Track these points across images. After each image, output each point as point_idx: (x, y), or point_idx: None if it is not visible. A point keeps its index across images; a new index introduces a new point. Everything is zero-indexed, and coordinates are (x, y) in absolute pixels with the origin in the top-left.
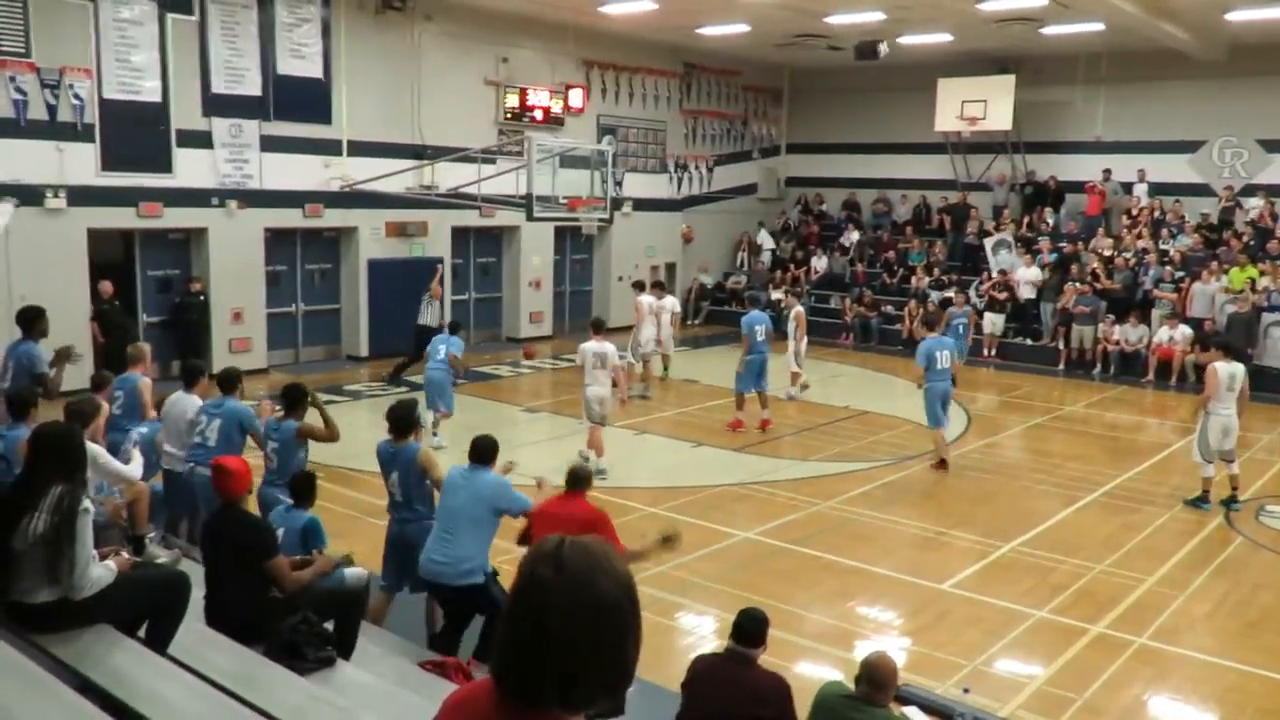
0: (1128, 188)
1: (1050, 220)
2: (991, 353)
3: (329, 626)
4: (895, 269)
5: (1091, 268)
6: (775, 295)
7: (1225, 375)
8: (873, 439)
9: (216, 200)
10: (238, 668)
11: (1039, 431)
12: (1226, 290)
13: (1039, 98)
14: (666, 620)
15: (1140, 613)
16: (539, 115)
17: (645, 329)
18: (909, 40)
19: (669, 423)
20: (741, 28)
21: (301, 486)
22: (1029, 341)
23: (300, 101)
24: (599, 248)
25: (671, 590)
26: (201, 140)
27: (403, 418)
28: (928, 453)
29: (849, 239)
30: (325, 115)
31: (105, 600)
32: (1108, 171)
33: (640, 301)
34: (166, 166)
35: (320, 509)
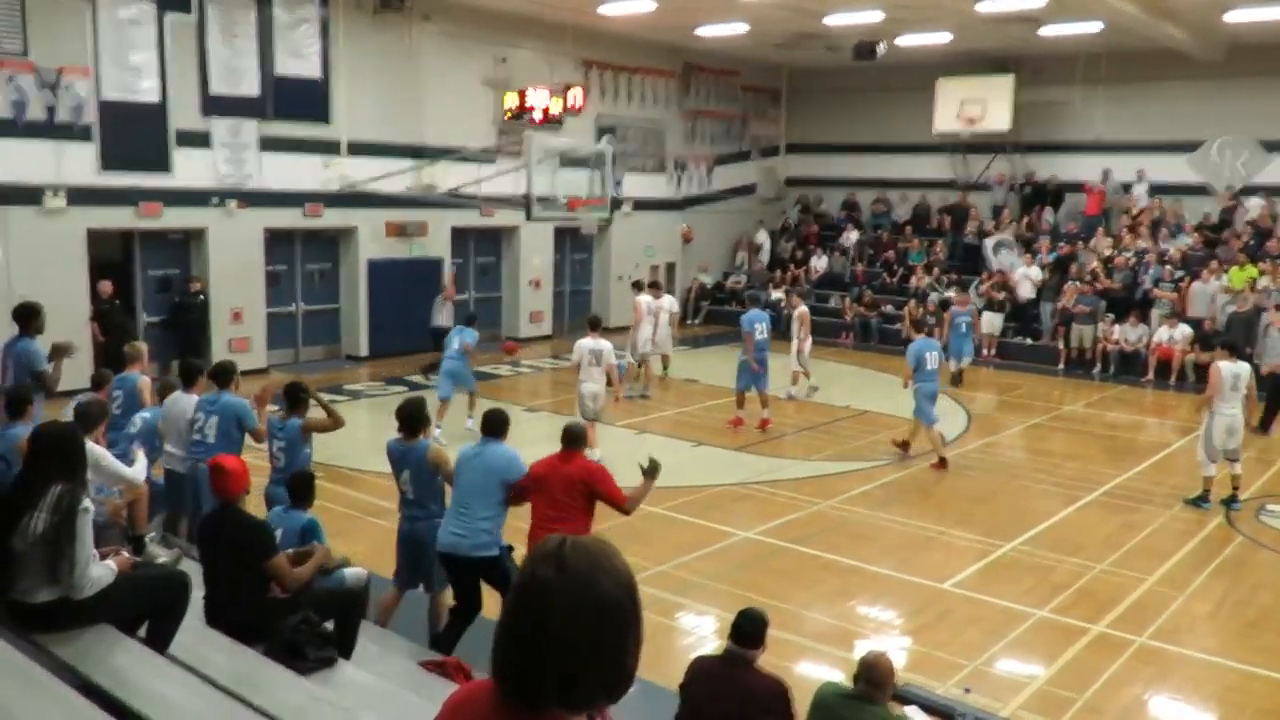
0: (1127, 188)
1: (1049, 220)
2: (991, 352)
3: (329, 626)
4: (895, 269)
5: (1091, 267)
6: (775, 295)
7: (1229, 375)
8: (873, 438)
9: (216, 200)
10: (238, 668)
11: (1039, 431)
12: (1226, 290)
13: (1038, 98)
14: (667, 620)
15: (1140, 612)
16: (538, 115)
17: (643, 329)
18: (908, 40)
19: (669, 422)
20: (740, 28)
21: (299, 487)
22: (1029, 341)
23: (299, 101)
24: (599, 248)
25: (672, 590)
26: (200, 140)
27: (411, 415)
28: (927, 452)
29: (848, 239)
30: (324, 115)
31: (105, 600)
32: (1107, 171)
33: (638, 301)
34: (165, 166)
35: (320, 509)
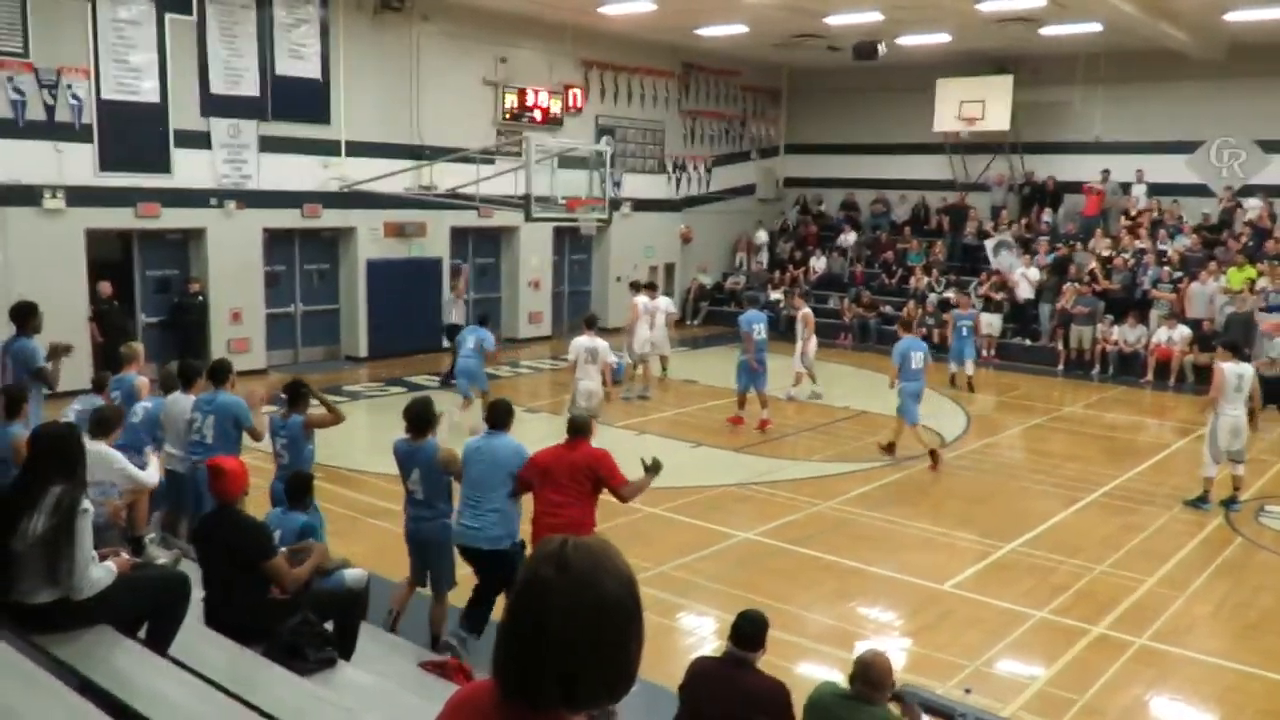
0: (1126, 188)
1: (1048, 221)
2: (991, 353)
3: (329, 627)
4: (894, 269)
5: (1090, 268)
6: (774, 295)
7: (1233, 376)
8: (872, 439)
9: (215, 200)
10: (238, 668)
11: (1038, 432)
12: (1225, 291)
13: (1037, 98)
14: (667, 620)
15: (1140, 613)
16: (538, 115)
17: (640, 329)
18: (907, 40)
19: (668, 423)
20: (740, 28)
21: (297, 488)
22: (1028, 342)
23: (299, 102)
24: (598, 248)
25: (672, 590)
26: (200, 141)
27: (419, 415)
28: (920, 455)
29: (846, 240)
30: (324, 116)
31: (105, 601)
32: (1106, 172)
33: (635, 302)
34: (165, 167)
35: (320, 509)
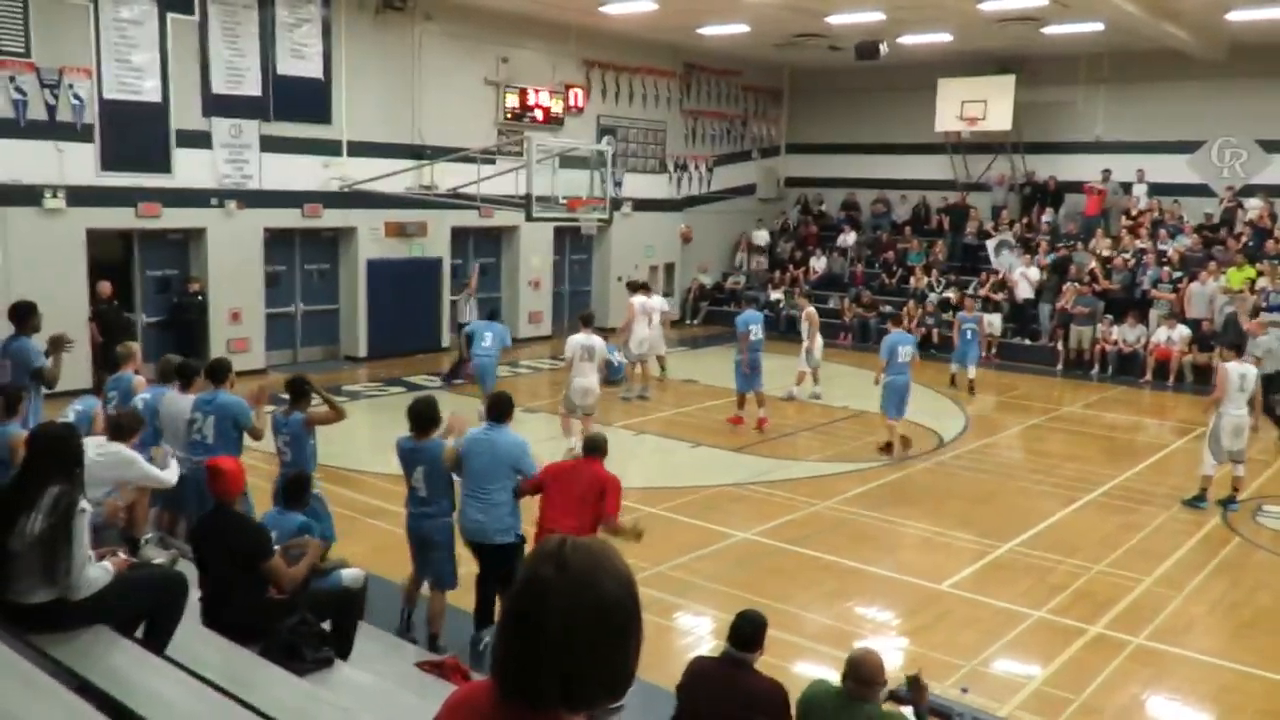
0: (1127, 188)
1: (1049, 220)
2: (992, 353)
3: (326, 627)
4: (894, 269)
5: (1090, 268)
6: (774, 296)
7: (1236, 375)
8: (871, 439)
9: (216, 200)
10: (235, 668)
11: (1037, 432)
12: (1225, 291)
13: (1039, 98)
14: (665, 620)
15: (1138, 613)
16: (539, 115)
17: (637, 329)
18: (909, 40)
19: (667, 423)
20: (742, 28)
21: (293, 489)
22: (1027, 342)
23: (300, 102)
24: (598, 248)
25: (670, 590)
26: (201, 140)
27: (422, 414)
28: (925, 453)
29: (846, 240)
30: (325, 115)
31: (102, 601)
32: (1107, 172)
33: (632, 302)
34: (166, 167)
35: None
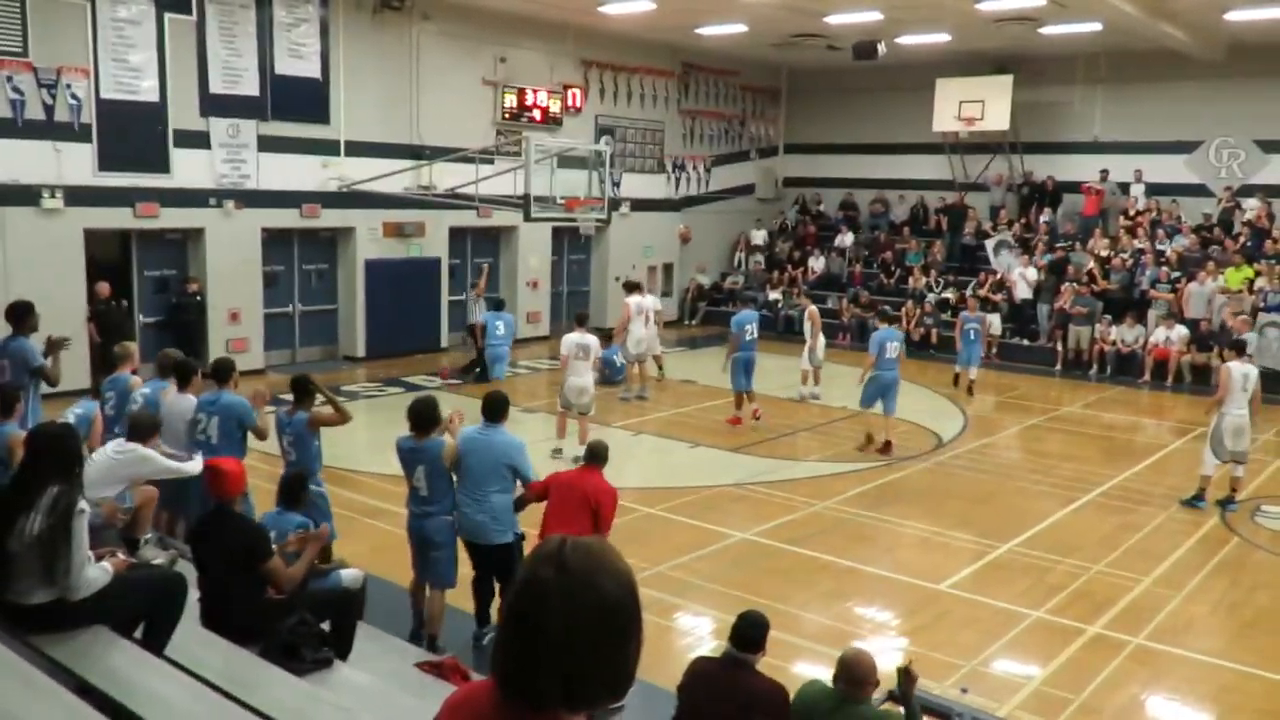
0: (1125, 188)
1: (1047, 221)
2: (993, 353)
3: (326, 627)
4: (893, 270)
5: (1088, 268)
6: (773, 296)
7: (1239, 375)
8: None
9: (214, 200)
10: (234, 669)
11: (1036, 432)
12: (1223, 291)
13: (1037, 98)
14: (664, 621)
15: (1137, 613)
16: (537, 115)
17: (635, 329)
18: (907, 40)
19: (666, 423)
20: (740, 28)
21: (291, 489)
22: (1026, 342)
23: (298, 101)
24: (597, 248)
25: (669, 591)
26: (199, 140)
27: (422, 413)
28: (924, 453)
29: (844, 240)
30: (323, 115)
31: (101, 601)
32: (1105, 172)
33: (628, 303)
34: (164, 167)
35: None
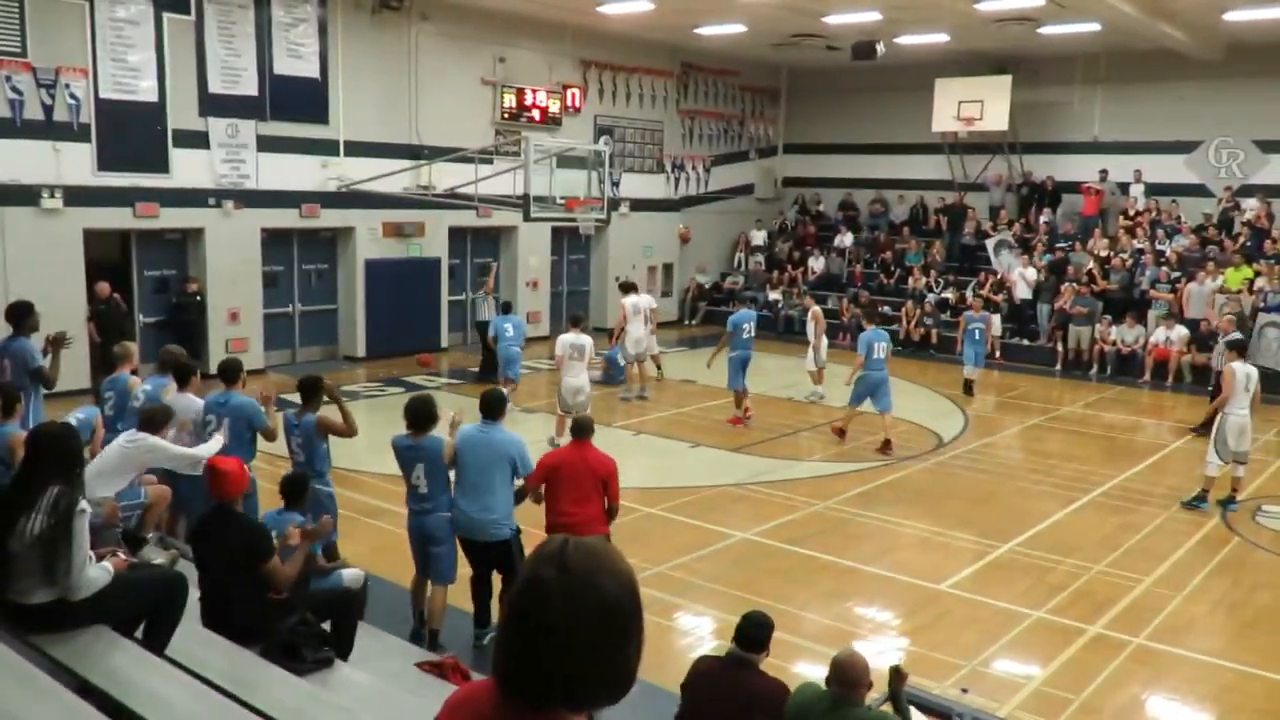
0: (1124, 188)
1: (1047, 221)
2: (996, 354)
3: (326, 627)
4: (892, 270)
5: (1088, 268)
6: (773, 296)
7: (1242, 375)
8: (870, 439)
9: (213, 200)
10: (235, 669)
11: (1036, 432)
12: (1223, 291)
13: (1036, 98)
14: (665, 620)
15: (1138, 613)
16: (536, 115)
17: (632, 329)
18: (906, 40)
19: (666, 423)
20: (739, 28)
21: (292, 489)
22: (1026, 342)
23: (297, 101)
24: (596, 248)
25: (670, 590)
26: (198, 140)
27: (419, 411)
28: (925, 453)
29: (843, 241)
30: (322, 115)
31: (102, 601)
32: (1104, 172)
33: (624, 303)
34: (163, 167)
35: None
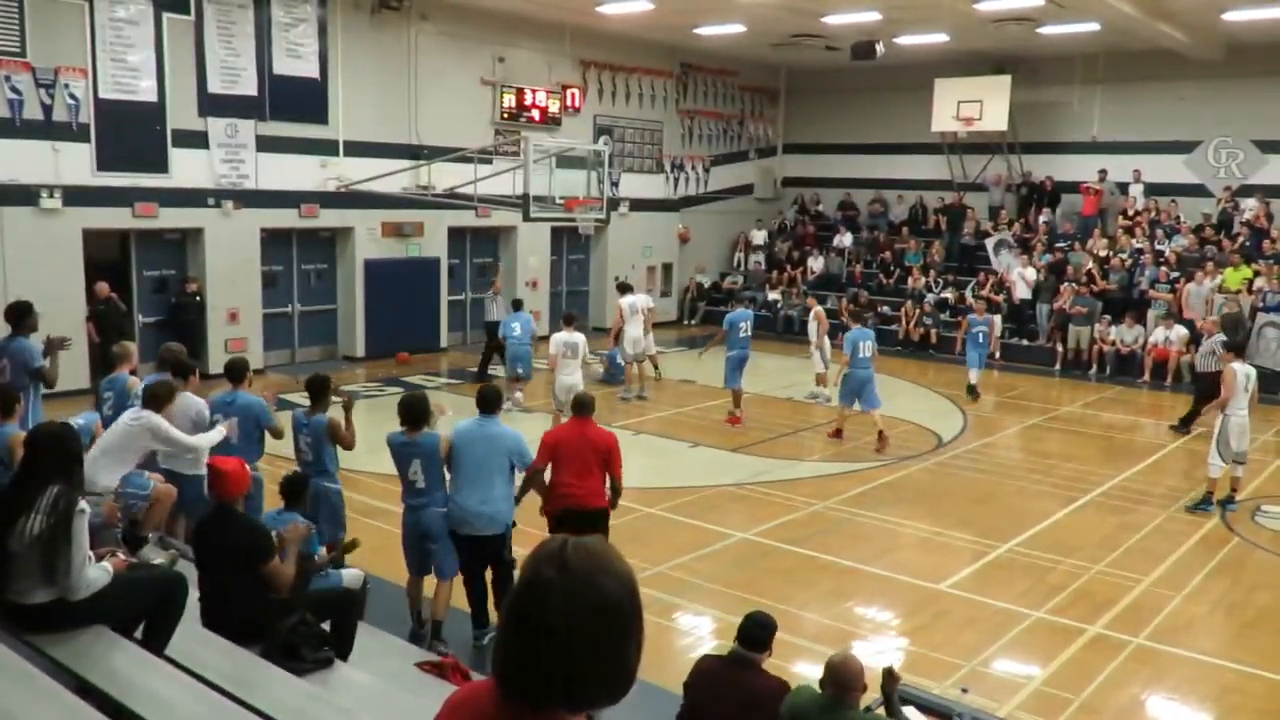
0: (1123, 188)
1: (1046, 221)
2: (997, 355)
3: (326, 627)
4: (892, 270)
5: (1087, 268)
6: (772, 296)
7: (1242, 376)
8: (869, 439)
9: (212, 200)
10: (235, 669)
11: (1036, 432)
12: (1222, 291)
13: (1035, 98)
14: (664, 620)
15: (1137, 613)
16: (535, 115)
17: (630, 329)
18: (906, 40)
19: (665, 423)
20: (738, 28)
21: (292, 489)
22: (1025, 342)
23: (296, 101)
24: (596, 248)
25: (669, 591)
26: (197, 140)
27: (413, 408)
28: (925, 453)
29: (843, 241)
30: (321, 115)
31: (102, 601)
32: (1103, 172)
33: (620, 304)
34: (162, 167)
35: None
